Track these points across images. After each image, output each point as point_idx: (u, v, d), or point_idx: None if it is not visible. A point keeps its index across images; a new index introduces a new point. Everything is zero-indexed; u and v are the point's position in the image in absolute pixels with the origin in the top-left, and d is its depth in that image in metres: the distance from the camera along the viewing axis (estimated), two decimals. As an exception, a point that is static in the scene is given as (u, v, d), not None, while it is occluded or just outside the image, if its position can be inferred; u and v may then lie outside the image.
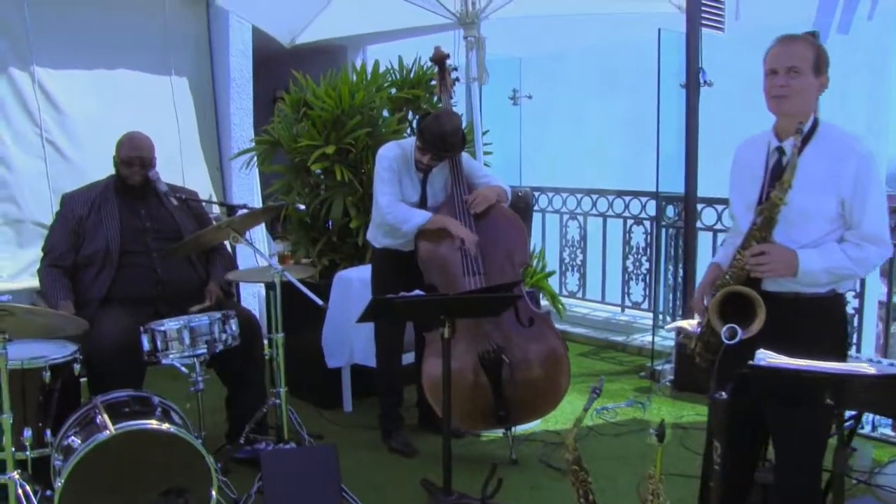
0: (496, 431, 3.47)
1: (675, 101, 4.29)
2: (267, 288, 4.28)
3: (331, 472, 2.70)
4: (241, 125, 5.26)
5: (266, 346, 3.23)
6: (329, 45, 5.80)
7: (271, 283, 2.89)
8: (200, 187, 4.62)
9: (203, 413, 2.95)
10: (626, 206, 5.17)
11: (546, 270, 4.90)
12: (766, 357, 1.66)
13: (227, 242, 3.35)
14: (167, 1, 4.95)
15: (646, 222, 5.06)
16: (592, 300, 5.50)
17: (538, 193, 5.59)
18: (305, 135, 4.32)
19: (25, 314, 2.38)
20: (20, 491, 2.37)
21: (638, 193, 5.10)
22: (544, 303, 4.79)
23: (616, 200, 5.25)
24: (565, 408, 3.59)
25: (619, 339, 5.06)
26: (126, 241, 3.14)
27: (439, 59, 3.60)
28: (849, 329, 2.88)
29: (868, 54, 6.75)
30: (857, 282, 3.63)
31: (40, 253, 3.20)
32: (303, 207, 3.97)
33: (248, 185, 5.33)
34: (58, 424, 2.62)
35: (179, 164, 4.93)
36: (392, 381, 3.52)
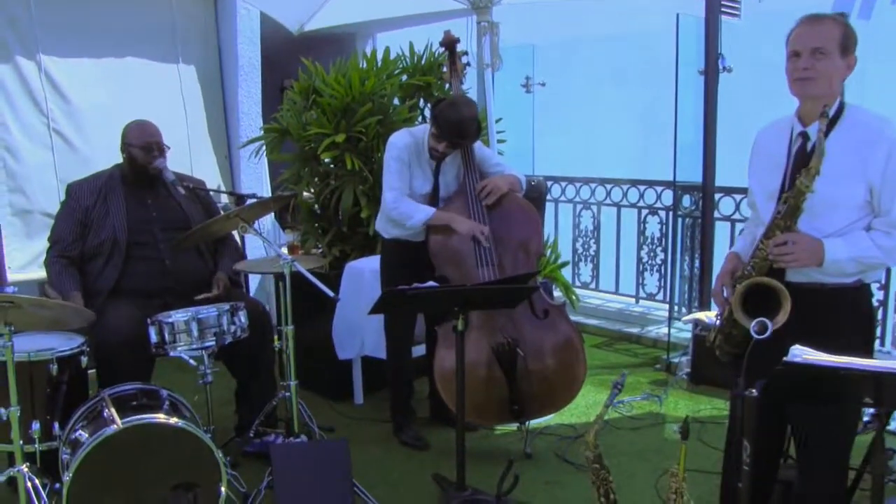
0: (510, 425, 3.42)
1: (692, 88, 4.20)
2: (276, 279, 4.23)
3: (342, 466, 2.65)
4: (249, 113, 5.20)
5: (276, 338, 3.19)
6: (338, 32, 5.73)
7: (281, 274, 2.84)
8: (209, 176, 4.58)
9: (212, 406, 2.92)
10: (641, 195, 5.09)
11: (559, 261, 4.84)
12: (802, 353, 1.56)
13: (235, 233, 3.29)
14: (174, -11, 4.90)
15: (661, 212, 4.98)
16: (606, 291, 5.44)
17: (551, 183, 5.51)
18: (315, 123, 4.26)
19: (31, 306, 2.34)
20: (29, 484, 2.35)
21: (653, 183, 5.02)
22: (557, 293, 4.72)
23: (630, 190, 5.16)
24: (579, 401, 3.52)
25: (633, 330, 4.98)
26: (133, 231, 3.09)
27: (449, 42, 3.52)
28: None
29: (891, 40, 6.59)
30: (884, 272, 3.53)
31: (47, 243, 3.16)
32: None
33: (256, 174, 5.28)
34: (66, 417, 2.59)
35: (187, 153, 4.89)
36: (403, 373, 3.47)
